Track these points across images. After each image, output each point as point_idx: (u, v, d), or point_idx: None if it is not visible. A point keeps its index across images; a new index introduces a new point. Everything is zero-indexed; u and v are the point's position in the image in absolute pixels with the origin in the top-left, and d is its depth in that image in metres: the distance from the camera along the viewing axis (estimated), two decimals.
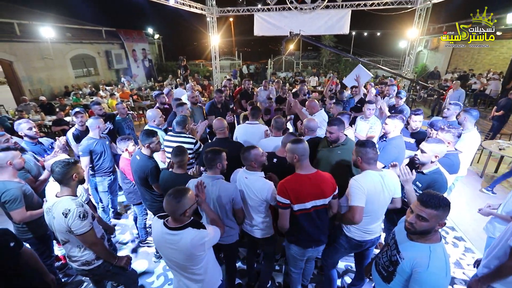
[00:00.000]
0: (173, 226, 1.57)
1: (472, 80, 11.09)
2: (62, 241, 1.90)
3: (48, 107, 7.85)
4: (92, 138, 3.30)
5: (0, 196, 2.16)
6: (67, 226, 1.77)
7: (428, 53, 16.39)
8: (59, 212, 1.77)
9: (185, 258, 1.58)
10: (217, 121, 2.92)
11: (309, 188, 1.93)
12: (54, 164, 1.84)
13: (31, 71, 10.70)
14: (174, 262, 1.64)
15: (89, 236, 1.84)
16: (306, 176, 1.95)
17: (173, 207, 1.53)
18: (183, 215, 1.56)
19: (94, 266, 1.97)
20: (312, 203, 1.95)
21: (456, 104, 3.49)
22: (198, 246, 1.55)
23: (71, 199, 1.82)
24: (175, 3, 8.48)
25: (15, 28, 10.26)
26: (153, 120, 3.53)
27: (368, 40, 21.60)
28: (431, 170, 2.17)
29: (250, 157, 2.11)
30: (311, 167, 2.00)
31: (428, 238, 1.43)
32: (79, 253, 1.92)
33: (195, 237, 1.54)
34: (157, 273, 2.95)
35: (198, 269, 1.63)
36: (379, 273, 1.72)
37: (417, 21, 9.01)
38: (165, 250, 1.61)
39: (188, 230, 1.56)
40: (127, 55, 15.19)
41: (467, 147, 3.07)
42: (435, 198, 1.36)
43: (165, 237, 1.57)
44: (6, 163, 2.24)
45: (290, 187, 1.93)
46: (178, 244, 1.54)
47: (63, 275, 2.93)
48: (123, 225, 3.80)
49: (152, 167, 2.52)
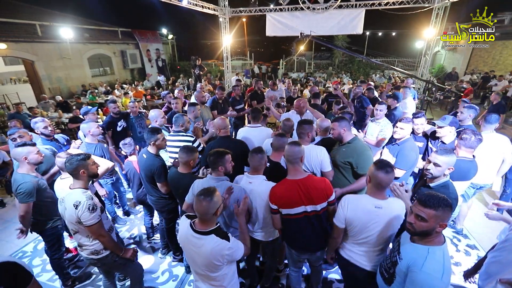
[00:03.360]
0: (198, 230, 1.59)
1: (493, 82, 10.62)
2: (72, 231, 2.00)
3: (65, 105, 8.16)
4: (89, 144, 3.21)
5: (17, 187, 2.30)
6: (77, 217, 1.87)
7: (446, 53, 15.81)
8: (70, 203, 1.87)
9: (204, 263, 1.59)
10: (220, 120, 2.93)
11: (296, 194, 1.89)
12: (67, 158, 1.97)
13: (51, 70, 11.16)
14: (195, 264, 1.66)
15: (97, 228, 1.92)
16: (295, 182, 1.92)
17: (205, 207, 1.53)
18: (214, 215, 1.58)
19: (102, 256, 2.06)
20: (301, 209, 1.92)
21: (470, 107, 3.34)
22: (217, 256, 1.55)
23: (82, 192, 1.91)
24: (187, 4, 8.61)
25: (37, 29, 10.74)
26: (155, 121, 3.56)
27: (382, 40, 21.16)
28: (439, 183, 2.01)
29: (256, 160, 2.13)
30: (302, 172, 1.96)
31: (429, 240, 1.40)
32: (89, 242, 2.01)
33: (217, 246, 1.54)
34: (162, 269, 3.01)
35: (216, 276, 1.64)
36: (381, 275, 1.70)
37: (434, 21, 8.73)
38: (188, 250, 1.65)
39: (212, 238, 1.56)
40: (142, 55, 15.56)
41: (483, 153, 2.91)
42: (434, 198, 1.33)
43: (190, 239, 1.61)
44: (22, 158, 2.37)
45: (278, 193, 1.94)
46: (199, 248, 1.57)
47: (73, 267, 3.05)
48: (131, 220, 3.90)
49: (158, 165, 2.55)
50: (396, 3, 8.74)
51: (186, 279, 2.86)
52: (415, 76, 9.36)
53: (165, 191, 2.62)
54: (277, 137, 2.43)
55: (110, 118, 4.43)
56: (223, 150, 2.13)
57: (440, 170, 1.97)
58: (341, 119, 2.48)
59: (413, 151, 2.75)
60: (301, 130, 2.54)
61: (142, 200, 3.11)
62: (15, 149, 2.40)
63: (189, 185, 2.23)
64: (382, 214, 1.69)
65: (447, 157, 1.94)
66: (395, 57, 17.40)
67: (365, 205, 1.72)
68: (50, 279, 2.90)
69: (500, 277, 1.67)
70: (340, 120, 2.47)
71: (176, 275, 2.91)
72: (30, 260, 3.19)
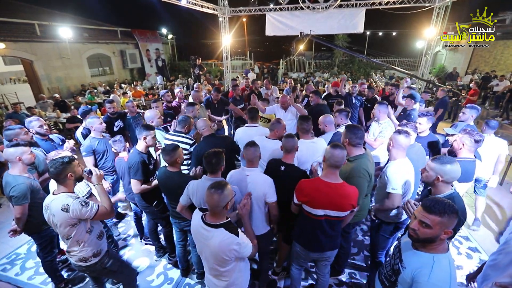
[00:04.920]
0: (209, 222, 1.62)
1: (494, 82, 10.55)
2: (63, 237, 1.91)
3: (62, 105, 8.11)
4: (94, 138, 3.31)
5: (10, 190, 2.24)
6: (77, 219, 1.81)
7: (446, 53, 15.74)
8: (57, 209, 1.78)
9: (213, 256, 1.63)
10: (200, 121, 2.97)
11: (325, 197, 1.86)
12: (50, 163, 1.85)
13: (50, 70, 11.12)
14: (205, 256, 1.71)
15: (103, 212, 1.91)
16: (327, 184, 1.88)
17: (217, 200, 1.55)
18: (224, 208, 1.59)
19: (90, 263, 1.98)
20: (325, 211, 1.89)
21: (472, 107, 3.29)
22: (225, 250, 1.56)
23: (67, 196, 1.83)
24: (187, 3, 8.55)
25: (35, 29, 10.70)
26: (151, 121, 3.49)
27: (383, 40, 21.13)
28: (442, 195, 1.81)
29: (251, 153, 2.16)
30: (338, 177, 1.91)
31: (433, 247, 1.33)
32: (77, 248, 1.93)
33: (225, 240, 1.56)
34: (157, 271, 2.95)
35: (224, 271, 1.67)
36: (381, 283, 1.64)
37: (434, 20, 8.67)
38: (199, 242, 1.70)
39: (220, 231, 1.58)
40: (141, 55, 15.52)
41: (481, 152, 2.90)
42: (440, 203, 1.26)
43: (200, 230, 1.65)
44: (15, 158, 2.32)
45: (305, 190, 1.92)
46: (209, 241, 1.61)
47: (67, 269, 2.99)
48: (127, 222, 3.84)
49: (137, 161, 2.49)
50: (397, 2, 8.68)
51: (182, 282, 2.81)
52: (415, 75, 9.29)
53: (136, 190, 2.54)
54: (287, 139, 2.27)
55: (107, 118, 4.36)
56: (219, 150, 2.09)
57: (427, 175, 1.83)
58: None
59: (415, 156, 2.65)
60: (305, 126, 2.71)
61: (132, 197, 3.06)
62: (7, 150, 2.33)
63: (177, 183, 2.19)
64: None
65: (436, 163, 1.78)
66: (396, 57, 17.33)
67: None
68: (43, 282, 2.84)
69: (495, 280, 1.62)
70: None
71: (172, 278, 2.85)
72: (23, 262, 3.14)
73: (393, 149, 2.23)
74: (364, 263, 3.05)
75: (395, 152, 2.23)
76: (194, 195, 2.08)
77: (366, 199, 2.40)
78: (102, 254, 2.04)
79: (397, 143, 2.19)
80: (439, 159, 1.79)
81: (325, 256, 2.13)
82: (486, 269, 1.76)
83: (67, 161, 1.86)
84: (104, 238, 2.11)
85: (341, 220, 1.98)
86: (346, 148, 2.17)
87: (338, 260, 2.74)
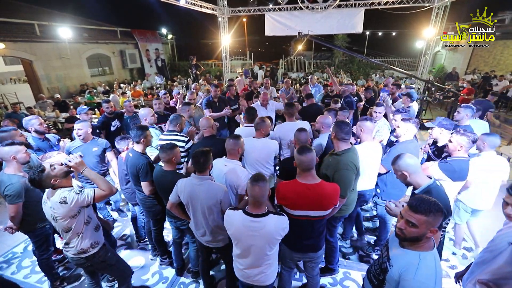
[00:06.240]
0: (256, 213, 1.72)
1: (493, 82, 10.54)
2: (63, 230, 1.91)
3: (63, 105, 8.14)
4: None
5: (4, 189, 2.25)
6: (79, 207, 1.85)
7: (446, 53, 15.72)
8: (56, 203, 1.82)
9: (267, 243, 1.74)
10: (204, 120, 2.94)
11: (305, 199, 1.86)
12: (30, 173, 1.80)
13: (50, 70, 11.15)
14: (254, 248, 1.77)
15: (101, 194, 1.92)
16: (305, 186, 1.88)
17: (263, 190, 1.67)
18: (267, 198, 1.73)
19: (89, 254, 2.01)
20: (305, 212, 1.89)
21: (467, 106, 3.28)
22: (280, 230, 1.73)
23: (63, 190, 1.85)
24: (185, 4, 8.58)
25: (35, 29, 10.74)
26: (145, 119, 3.50)
27: (382, 40, 21.12)
28: (421, 189, 1.80)
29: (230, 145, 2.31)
30: (315, 177, 1.92)
31: (419, 245, 1.35)
32: (76, 240, 1.96)
33: (278, 221, 1.73)
34: (153, 270, 2.96)
35: (270, 255, 1.80)
36: (370, 281, 1.65)
37: (434, 20, 8.67)
38: (247, 237, 1.75)
39: (271, 217, 1.73)
40: (141, 55, 15.55)
41: (483, 176, 2.62)
42: (425, 203, 1.28)
43: (249, 225, 1.72)
44: (10, 157, 2.33)
45: (281, 192, 1.92)
46: (262, 230, 1.70)
47: (63, 268, 3.01)
48: (123, 221, 3.86)
49: (144, 163, 2.49)
50: (396, 2, 8.69)
51: (176, 281, 2.81)
52: (414, 76, 9.29)
53: (149, 191, 2.53)
54: (299, 132, 2.52)
55: (104, 118, 4.40)
56: (207, 150, 2.09)
57: (398, 176, 1.89)
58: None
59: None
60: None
61: (130, 198, 3.06)
62: (2, 148, 2.35)
63: (172, 182, 2.20)
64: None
65: (395, 164, 1.87)
66: (395, 57, 17.32)
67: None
68: (39, 281, 2.86)
69: (478, 278, 1.63)
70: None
71: (166, 277, 2.86)
72: (20, 261, 3.16)
73: (363, 134, 2.62)
74: (359, 262, 3.05)
75: (364, 137, 2.62)
76: (182, 192, 2.10)
77: (353, 193, 2.42)
78: (100, 246, 2.07)
79: (366, 128, 2.59)
80: (394, 159, 1.90)
81: (308, 257, 2.14)
82: (473, 266, 1.77)
83: (39, 171, 1.77)
84: (100, 230, 2.13)
85: (323, 219, 1.98)
86: (333, 142, 2.30)
87: (328, 257, 2.75)
